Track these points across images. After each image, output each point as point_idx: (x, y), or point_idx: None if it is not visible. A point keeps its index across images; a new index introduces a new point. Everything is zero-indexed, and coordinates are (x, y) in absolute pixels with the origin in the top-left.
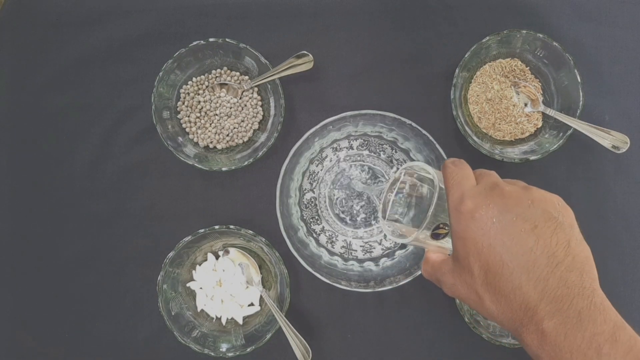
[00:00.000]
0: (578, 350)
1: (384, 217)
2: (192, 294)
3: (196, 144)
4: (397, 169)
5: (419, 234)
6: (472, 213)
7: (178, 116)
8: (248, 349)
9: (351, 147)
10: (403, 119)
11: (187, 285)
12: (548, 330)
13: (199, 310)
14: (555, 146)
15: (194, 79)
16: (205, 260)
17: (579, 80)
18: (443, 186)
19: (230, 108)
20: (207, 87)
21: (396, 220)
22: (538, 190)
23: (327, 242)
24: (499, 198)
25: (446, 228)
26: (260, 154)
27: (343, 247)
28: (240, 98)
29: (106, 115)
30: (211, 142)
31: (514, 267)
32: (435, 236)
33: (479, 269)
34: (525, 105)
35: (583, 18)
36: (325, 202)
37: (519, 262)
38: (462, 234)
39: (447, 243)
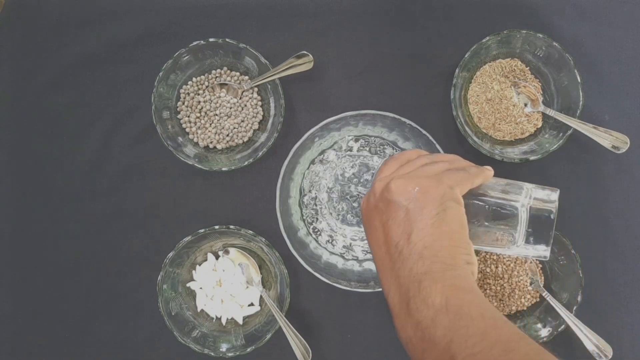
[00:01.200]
0: (410, 341)
1: None
2: (192, 294)
3: (196, 144)
4: None
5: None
6: (363, 212)
7: (178, 116)
8: (248, 349)
9: (351, 148)
10: (403, 119)
11: (187, 285)
12: (397, 326)
13: (199, 310)
14: (555, 146)
15: (194, 79)
16: (205, 260)
17: (579, 80)
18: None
19: (230, 108)
20: (207, 87)
21: None
22: (396, 180)
23: (327, 242)
24: (371, 194)
25: None
26: (260, 154)
27: (344, 247)
28: (240, 98)
29: (106, 115)
30: (211, 142)
31: (379, 261)
32: None
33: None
34: (525, 105)
35: (583, 18)
36: (325, 202)
37: (380, 256)
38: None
39: None
